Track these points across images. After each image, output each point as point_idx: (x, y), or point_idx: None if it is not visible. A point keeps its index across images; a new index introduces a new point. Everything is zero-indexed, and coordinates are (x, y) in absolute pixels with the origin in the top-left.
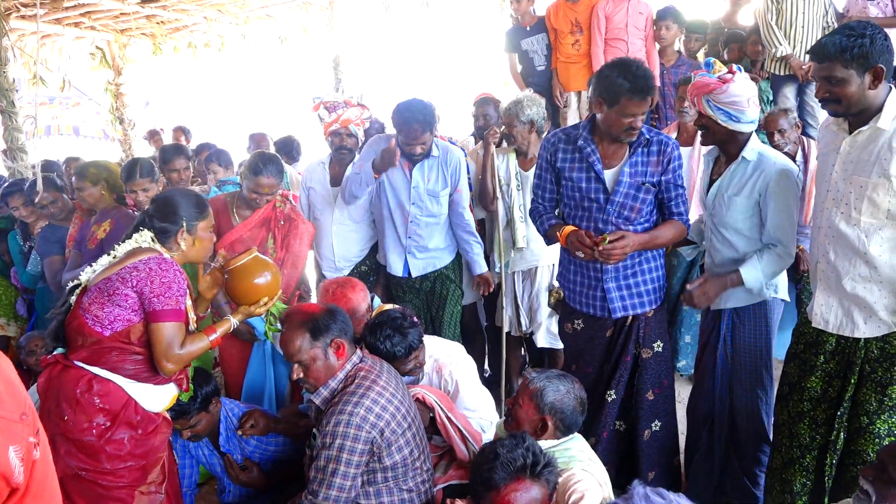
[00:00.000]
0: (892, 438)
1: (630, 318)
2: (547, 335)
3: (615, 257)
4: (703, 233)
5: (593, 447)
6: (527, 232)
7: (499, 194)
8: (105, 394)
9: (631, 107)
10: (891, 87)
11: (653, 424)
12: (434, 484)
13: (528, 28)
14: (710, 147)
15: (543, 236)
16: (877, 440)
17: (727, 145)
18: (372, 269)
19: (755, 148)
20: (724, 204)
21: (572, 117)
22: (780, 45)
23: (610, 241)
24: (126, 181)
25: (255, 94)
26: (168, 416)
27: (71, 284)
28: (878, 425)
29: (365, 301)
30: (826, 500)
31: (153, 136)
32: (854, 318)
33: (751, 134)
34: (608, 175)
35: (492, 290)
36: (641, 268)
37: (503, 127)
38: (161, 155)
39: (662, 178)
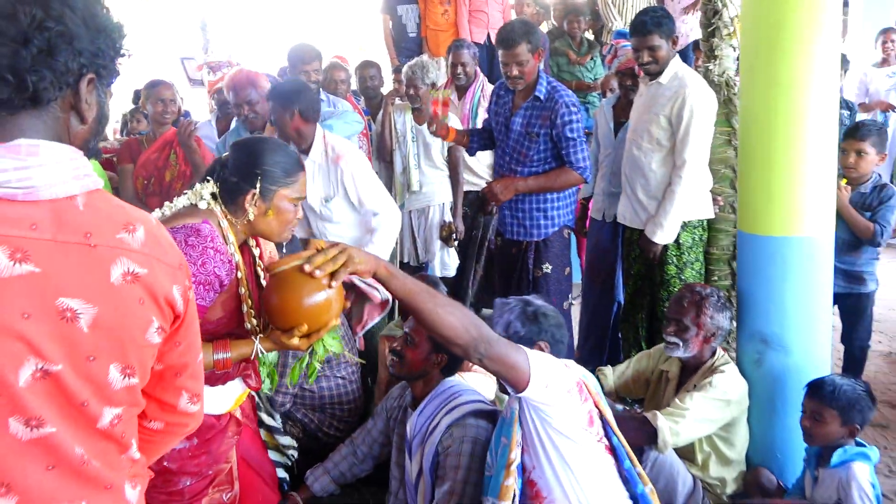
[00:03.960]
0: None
1: (524, 243)
2: (440, 265)
3: (493, 202)
4: None
5: None
6: (420, 177)
7: (395, 146)
8: None
9: (500, 55)
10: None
11: None
12: (354, 331)
13: None
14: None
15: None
16: (661, 303)
17: None
18: None
19: None
20: None
21: (441, 80)
22: (616, 20)
23: (489, 187)
24: None
25: None
26: (238, 415)
27: None
28: (662, 293)
29: None
30: (643, 344)
31: None
32: (639, 214)
33: None
34: (511, 122)
35: None
36: (528, 207)
37: (405, 88)
38: None
39: (553, 131)
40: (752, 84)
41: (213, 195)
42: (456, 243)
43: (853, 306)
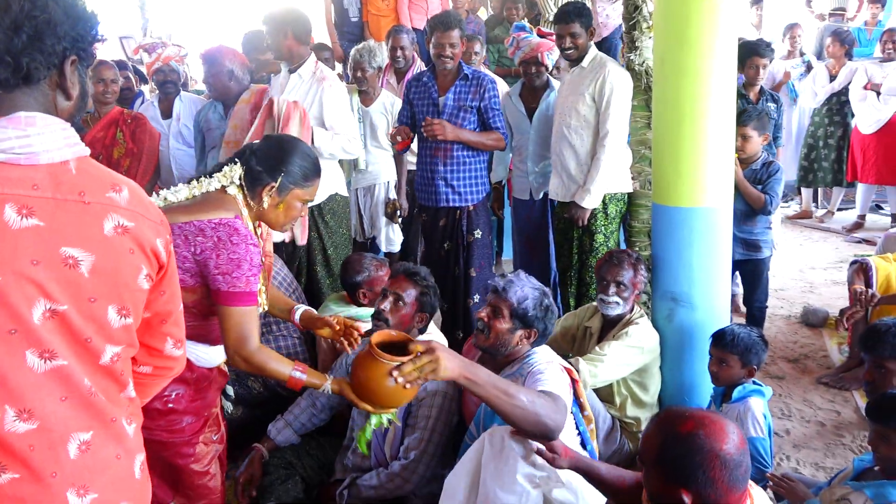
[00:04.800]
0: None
1: (458, 211)
2: (386, 241)
3: (437, 134)
4: None
5: (467, 312)
6: (366, 156)
7: None
8: None
9: (436, 37)
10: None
11: (475, 297)
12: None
13: None
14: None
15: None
16: (589, 269)
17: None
18: None
19: None
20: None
21: (384, 64)
22: (552, 10)
23: (428, 124)
24: None
25: None
26: (224, 366)
27: None
28: (591, 260)
29: None
30: (573, 301)
31: None
32: (570, 188)
33: None
34: (441, 101)
35: None
36: (463, 174)
37: (352, 71)
38: None
39: (481, 104)
40: (663, 74)
41: (241, 177)
42: (400, 220)
43: (752, 271)
